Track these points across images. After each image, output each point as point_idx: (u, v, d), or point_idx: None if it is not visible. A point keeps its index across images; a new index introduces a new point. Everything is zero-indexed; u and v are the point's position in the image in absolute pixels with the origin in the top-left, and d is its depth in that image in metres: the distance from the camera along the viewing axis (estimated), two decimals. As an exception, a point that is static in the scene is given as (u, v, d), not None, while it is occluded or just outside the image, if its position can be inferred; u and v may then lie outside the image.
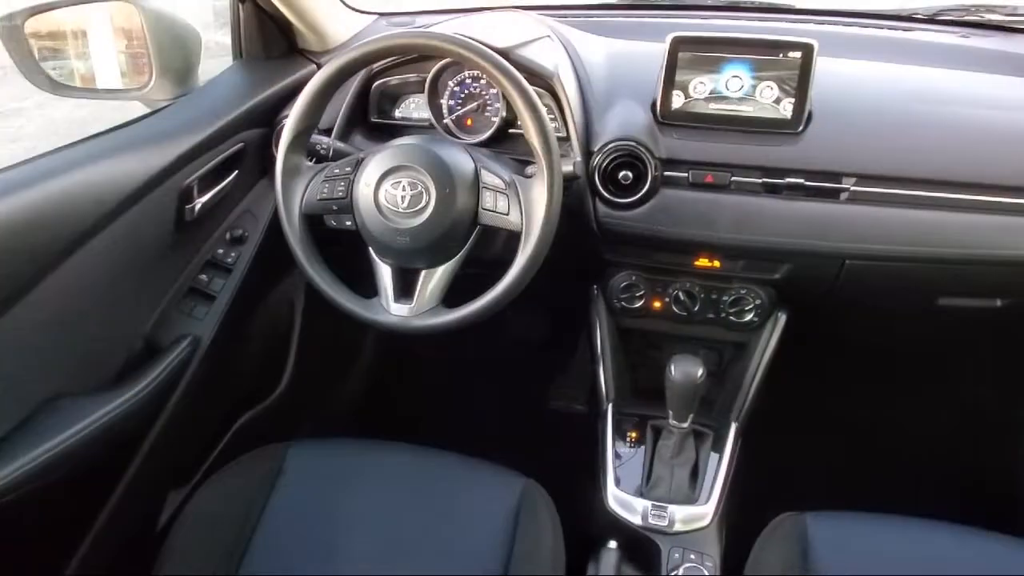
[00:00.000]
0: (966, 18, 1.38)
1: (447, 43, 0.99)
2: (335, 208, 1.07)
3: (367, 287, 1.10)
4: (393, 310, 1.06)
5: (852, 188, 1.10)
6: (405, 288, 1.07)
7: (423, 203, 1.01)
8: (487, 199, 1.02)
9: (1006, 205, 1.08)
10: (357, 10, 1.51)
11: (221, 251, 1.26)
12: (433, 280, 1.06)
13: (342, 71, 1.03)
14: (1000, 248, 1.09)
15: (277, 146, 1.09)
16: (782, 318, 1.26)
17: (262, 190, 1.32)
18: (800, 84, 1.10)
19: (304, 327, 1.55)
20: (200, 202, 1.18)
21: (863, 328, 1.46)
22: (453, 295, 1.07)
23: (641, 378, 1.37)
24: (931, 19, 1.39)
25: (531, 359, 1.93)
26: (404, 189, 1.01)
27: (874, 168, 1.10)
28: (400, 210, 1.02)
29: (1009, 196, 1.08)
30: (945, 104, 1.16)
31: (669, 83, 1.14)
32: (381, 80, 1.29)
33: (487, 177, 1.03)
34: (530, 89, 0.98)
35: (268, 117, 1.28)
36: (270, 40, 1.35)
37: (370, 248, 1.08)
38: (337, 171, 1.07)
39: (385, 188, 1.02)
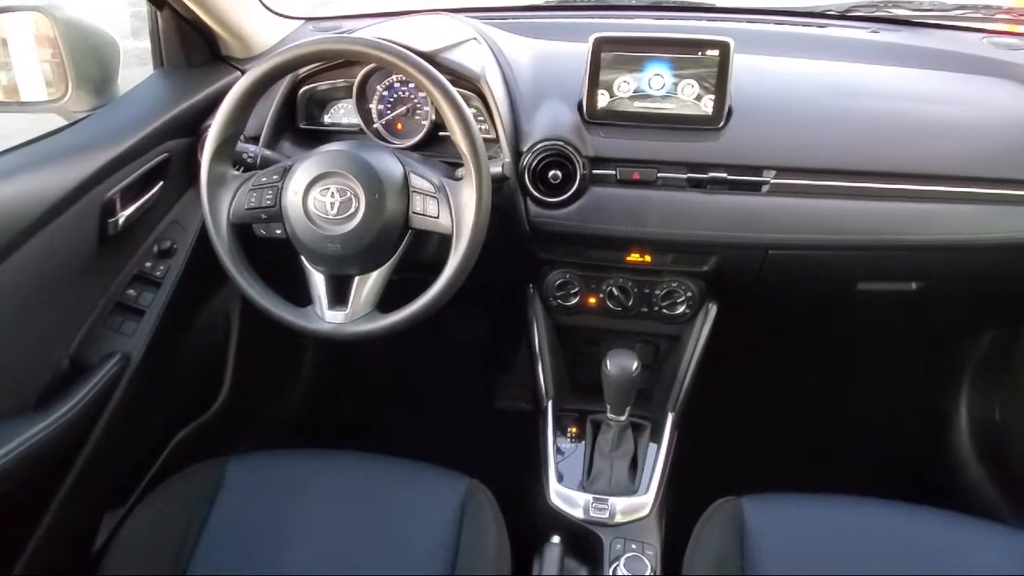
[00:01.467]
0: (875, 14, 1.44)
1: (370, 48, 0.99)
2: (264, 217, 1.06)
3: (302, 295, 1.09)
4: (327, 317, 1.06)
5: (772, 181, 1.14)
6: (339, 295, 1.07)
7: (353, 209, 1.00)
8: (417, 203, 1.02)
9: (915, 192, 1.13)
10: (282, 15, 1.49)
11: (149, 264, 1.23)
12: (367, 286, 1.05)
13: (264, 78, 1.02)
14: (911, 233, 1.14)
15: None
16: (713, 309, 1.29)
17: (190, 201, 1.29)
18: (719, 81, 1.13)
19: (241, 339, 1.53)
20: (124, 215, 1.15)
21: (790, 315, 1.51)
22: (389, 300, 1.07)
23: (580, 374, 1.39)
24: (843, 15, 1.44)
25: (475, 360, 1.94)
26: (333, 196, 1.01)
27: (792, 161, 1.14)
28: (330, 217, 1.01)
29: (918, 184, 1.13)
30: (857, 97, 1.21)
31: (594, 83, 1.16)
32: (308, 86, 1.28)
33: (416, 181, 1.03)
34: (454, 92, 0.99)
35: (193, 126, 1.26)
36: (192, 48, 1.32)
37: (302, 256, 1.08)
38: (264, 179, 1.06)
39: (314, 195, 1.01)
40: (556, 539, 1.08)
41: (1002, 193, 1.12)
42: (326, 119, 1.31)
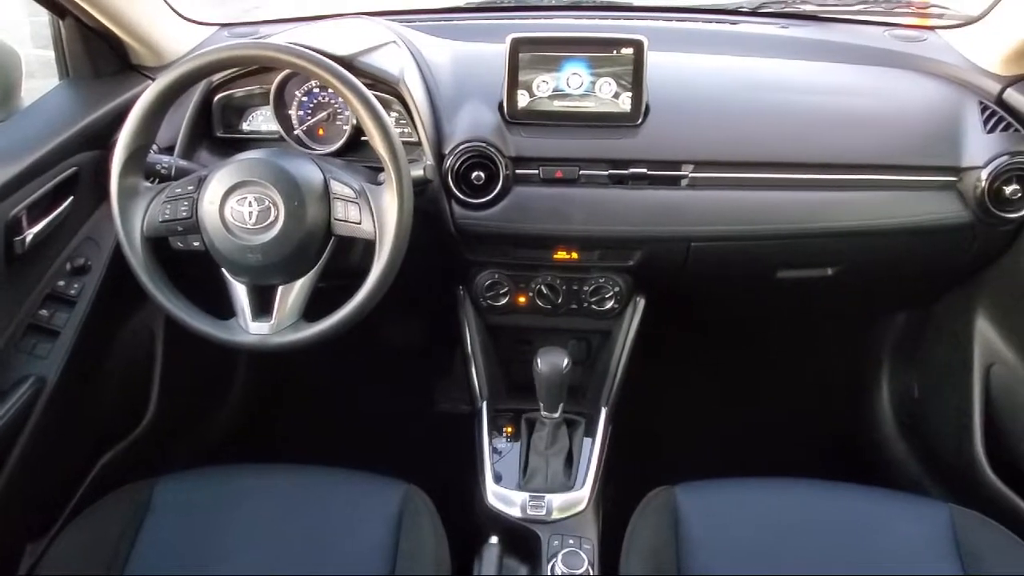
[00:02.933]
0: (785, 10, 1.49)
1: (282, 54, 0.98)
2: (180, 229, 1.03)
3: (226, 308, 1.06)
4: (252, 329, 1.04)
5: (691, 175, 1.17)
6: (263, 306, 1.05)
7: (272, 218, 0.99)
8: (338, 209, 1.01)
9: (827, 182, 1.18)
10: (195, 21, 1.45)
11: (62, 283, 1.18)
12: (292, 295, 1.04)
13: (173, 87, 0.99)
14: (825, 221, 1.19)
15: None
16: (641, 303, 1.31)
17: (103, 216, 1.24)
18: (635, 79, 1.16)
19: (167, 355, 1.48)
20: (32, 232, 1.10)
21: (716, 305, 1.54)
22: (317, 308, 1.05)
23: (515, 373, 1.40)
24: (754, 12, 1.48)
25: (414, 365, 1.92)
26: (251, 205, 0.99)
27: (709, 154, 1.17)
28: (248, 226, 0.99)
29: (829, 173, 1.18)
30: (769, 91, 1.25)
31: (513, 83, 1.17)
32: (224, 93, 1.25)
33: (336, 187, 1.02)
34: (370, 96, 0.99)
35: (103, 139, 1.21)
36: (98, 57, 1.27)
37: (223, 268, 1.05)
38: (179, 190, 1.03)
39: (230, 205, 0.99)
40: (494, 540, 1.08)
41: (907, 179, 1.18)
42: (245, 127, 1.28)
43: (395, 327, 1.87)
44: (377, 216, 1.00)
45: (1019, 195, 1.14)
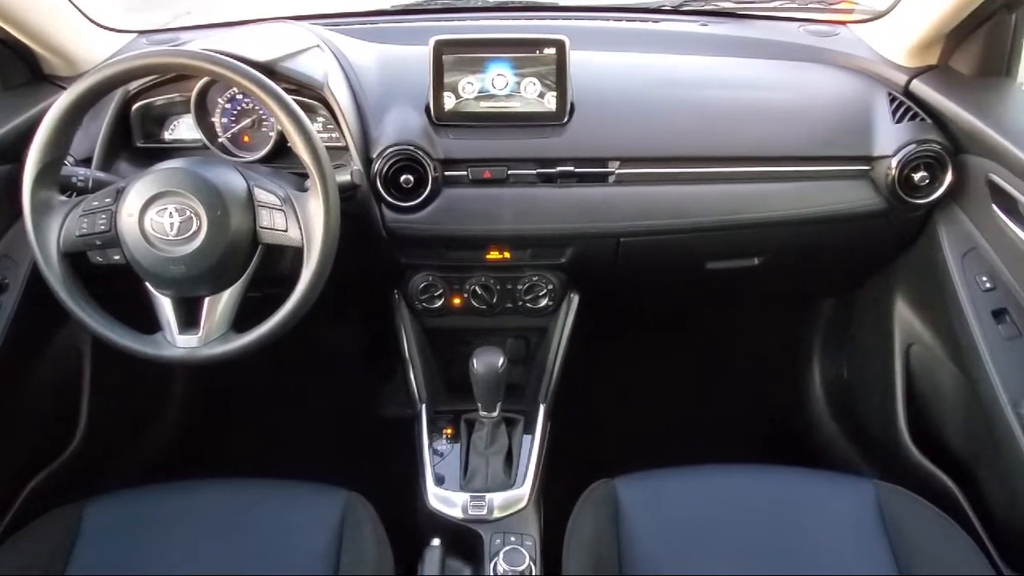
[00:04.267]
0: (705, 7, 1.52)
1: (197, 60, 0.96)
2: (98, 243, 1.00)
3: (154, 322, 1.04)
4: (179, 342, 1.02)
5: (617, 171, 1.19)
6: (190, 318, 1.03)
7: (194, 228, 0.97)
8: (263, 217, 1.00)
9: (749, 174, 1.21)
10: (112, 29, 1.41)
11: None
12: (219, 306, 1.02)
13: (83, 97, 0.96)
14: (748, 212, 1.22)
15: None
16: (575, 299, 1.33)
17: (19, 232, 1.20)
18: (559, 78, 1.17)
19: (95, 374, 1.44)
20: (-59, 253, 1.06)
21: (649, 298, 1.57)
22: (249, 318, 1.04)
23: (455, 375, 1.40)
24: (675, 10, 1.52)
25: (357, 371, 1.91)
26: (171, 216, 0.97)
27: (634, 151, 1.19)
28: (170, 238, 0.97)
29: (750, 166, 1.21)
30: (690, 87, 1.28)
31: (439, 85, 1.17)
32: (142, 102, 1.21)
33: (261, 195, 1.01)
34: (290, 101, 0.98)
35: (14, 152, 1.17)
36: (7, 68, 1.23)
37: (146, 281, 1.03)
38: (96, 203, 1.00)
39: (150, 216, 0.97)
40: (436, 542, 1.08)
41: (823, 170, 1.22)
42: (167, 136, 1.25)
43: (336, 333, 1.85)
44: (304, 223, 0.99)
45: (927, 182, 1.19)
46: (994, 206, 1.12)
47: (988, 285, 1.15)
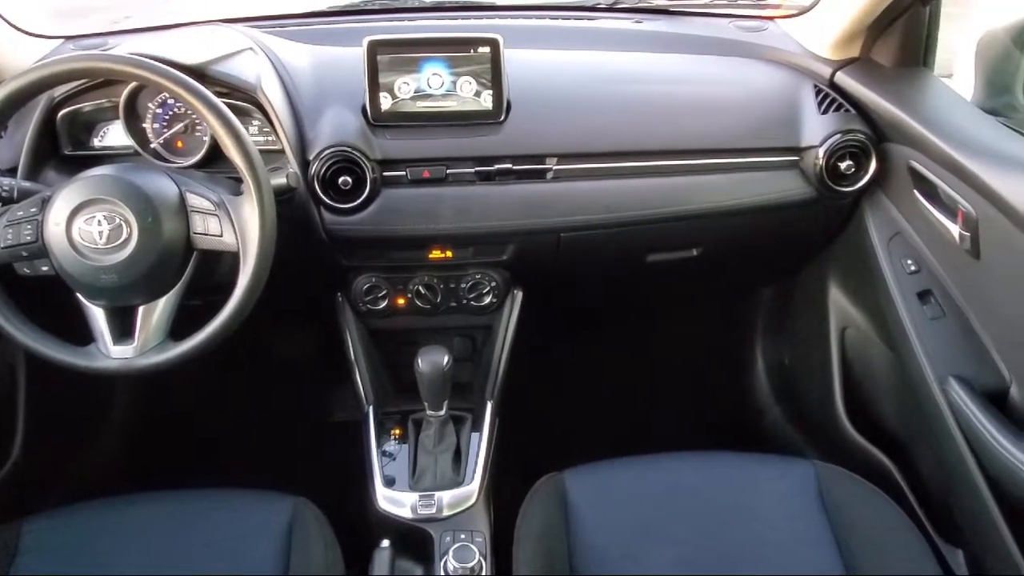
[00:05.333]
0: (639, 5, 1.55)
1: (119, 64, 0.94)
2: (25, 254, 0.97)
3: (86, 333, 1.02)
4: (114, 353, 1.00)
5: (555, 167, 1.20)
6: (124, 328, 1.01)
7: (124, 236, 0.95)
8: (197, 223, 0.99)
9: (683, 167, 1.24)
10: (36, 35, 1.38)
11: None
12: (155, 315, 1.00)
13: (3, 104, 0.94)
14: (685, 204, 1.25)
15: None
16: (519, 296, 1.34)
17: None
18: (494, 76, 1.18)
19: (31, 389, 1.40)
20: None
21: (592, 292, 1.59)
22: (189, 326, 1.02)
23: (403, 375, 1.40)
24: (610, 8, 1.54)
25: (308, 376, 1.89)
26: (100, 224, 0.95)
27: (571, 147, 1.21)
28: (100, 247, 0.95)
29: (686, 158, 1.24)
30: (625, 83, 1.30)
31: (374, 86, 1.17)
32: (69, 108, 1.18)
33: (194, 200, 0.99)
34: (219, 103, 0.96)
35: None
36: (-76, 76, 1.19)
37: (77, 292, 1.00)
38: (21, 213, 0.97)
39: (78, 225, 0.95)
40: (385, 543, 1.08)
41: (755, 161, 1.25)
42: (96, 143, 1.22)
43: (284, 339, 1.83)
44: (239, 227, 0.98)
45: (852, 170, 1.23)
46: (916, 192, 1.17)
47: (913, 268, 1.20)
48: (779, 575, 1.00)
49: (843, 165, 1.22)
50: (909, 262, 1.20)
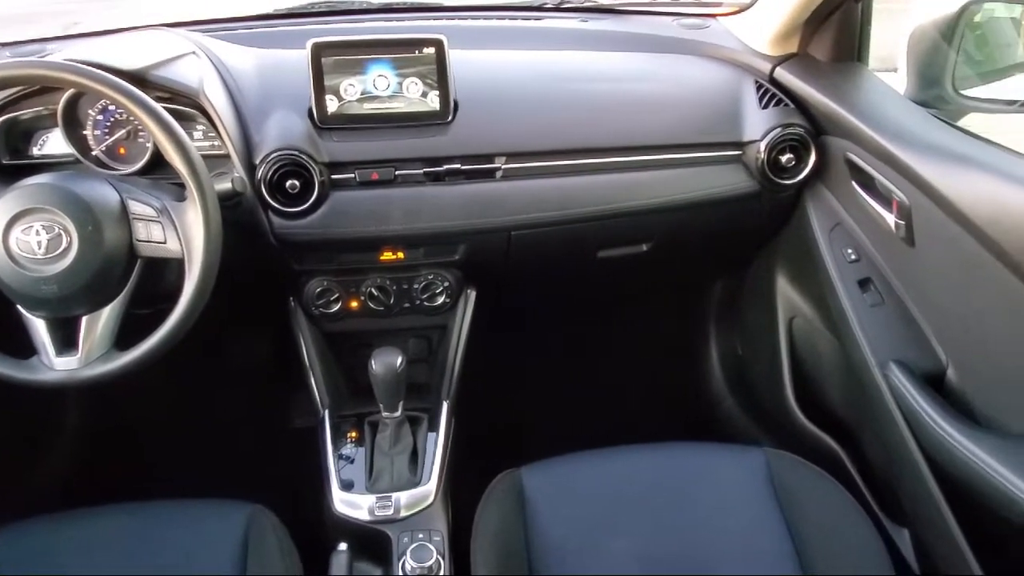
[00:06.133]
0: (585, 4, 1.57)
1: (52, 71, 0.93)
2: None
3: (28, 346, 1.00)
4: (57, 365, 0.98)
5: (504, 166, 1.21)
6: (68, 339, 0.99)
7: (64, 245, 0.94)
8: (140, 230, 0.97)
9: (630, 163, 1.25)
10: (-30, 42, 1.34)
11: None
12: (99, 324, 0.99)
13: None
14: (632, 200, 1.27)
15: None
16: (472, 295, 1.35)
17: None
18: (440, 77, 1.18)
19: None
20: None
21: (545, 289, 1.60)
22: (137, 336, 1.00)
23: (359, 378, 1.39)
24: (556, 7, 1.56)
25: (264, 383, 1.87)
26: (38, 233, 0.93)
27: (519, 146, 1.22)
28: (39, 257, 0.93)
29: (633, 155, 1.26)
30: (572, 81, 1.32)
31: (319, 88, 1.17)
32: (6, 116, 1.15)
33: (136, 207, 0.98)
34: (158, 108, 0.95)
35: None
36: None
37: (16, 304, 0.98)
38: None
39: (15, 236, 0.93)
40: (343, 546, 1.07)
41: (699, 156, 1.27)
42: (35, 151, 1.19)
43: (240, 346, 1.81)
44: (183, 234, 0.97)
45: (793, 163, 1.26)
46: (853, 183, 1.20)
47: (853, 257, 1.23)
48: (732, 561, 1.02)
49: (784, 158, 1.25)
50: (849, 251, 1.24)
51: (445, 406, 1.29)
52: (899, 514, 1.22)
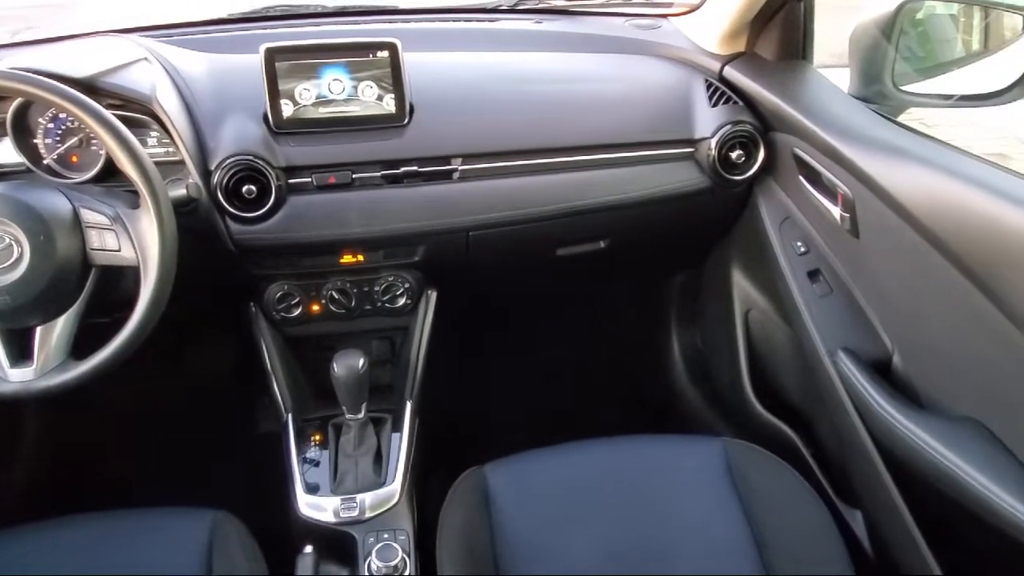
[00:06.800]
0: (539, 6, 1.59)
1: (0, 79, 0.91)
2: None
3: None
4: (11, 377, 0.97)
5: (461, 167, 1.22)
6: (22, 350, 0.98)
7: (15, 256, 0.93)
8: (93, 239, 0.97)
9: (584, 162, 1.28)
10: (-87, 50, 1.32)
11: None
12: (54, 334, 0.98)
13: None
14: (588, 198, 1.29)
15: None
16: (433, 296, 1.36)
17: None
18: (395, 80, 1.19)
19: None
20: None
21: (506, 288, 1.62)
22: (95, 345, 0.99)
23: (322, 381, 1.39)
24: (511, 9, 1.57)
25: (228, 389, 1.85)
26: None
27: (475, 147, 1.23)
28: None
29: (587, 154, 1.28)
30: (526, 83, 1.33)
31: (274, 93, 1.17)
32: None
33: (88, 215, 0.97)
34: (107, 115, 0.95)
35: None
36: None
37: None
38: None
39: None
40: (308, 549, 1.08)
41: (652, 154, 1.30)
42: None
43: (203, 353, 1.79)
44: (137, 241, 0.97)
45: (743, 159, 1.30)
46: (800, 178, 1.24)
47: (803, 249, 1.27)
48: (691, 549, 1.04)
49: (734, 155, 1.29)
50: (799, 244, 1.28)
51: (408, 406, 1.30)
52: (851, 497, 1.26)
